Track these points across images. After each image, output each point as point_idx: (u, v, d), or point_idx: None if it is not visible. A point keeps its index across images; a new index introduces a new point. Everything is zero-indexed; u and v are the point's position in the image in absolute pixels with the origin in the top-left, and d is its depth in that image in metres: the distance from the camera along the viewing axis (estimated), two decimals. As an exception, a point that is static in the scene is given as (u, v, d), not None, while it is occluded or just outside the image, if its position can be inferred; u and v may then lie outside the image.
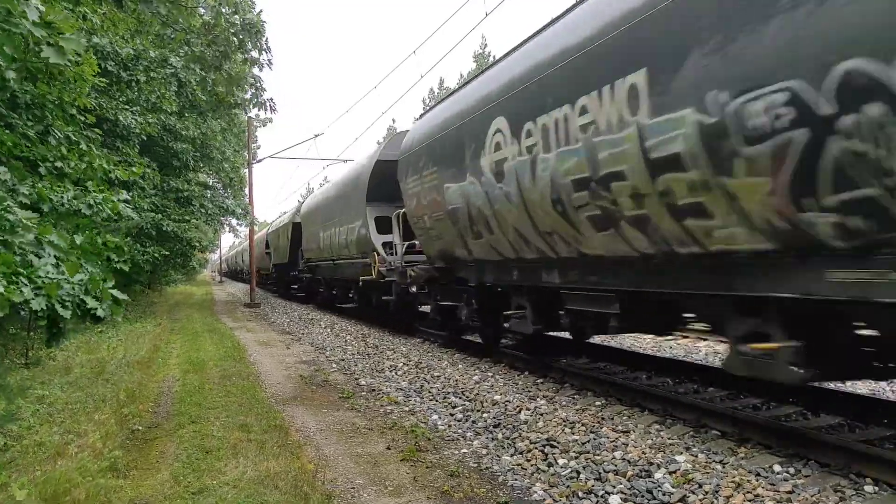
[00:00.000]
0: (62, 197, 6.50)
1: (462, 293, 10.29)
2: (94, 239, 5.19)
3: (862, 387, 7.52)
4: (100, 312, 4.41)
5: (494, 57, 43.84)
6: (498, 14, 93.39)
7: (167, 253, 19.38)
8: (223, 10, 12.36)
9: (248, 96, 16.53)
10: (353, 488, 4.76)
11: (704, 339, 11.12)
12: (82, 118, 8.17)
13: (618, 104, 5.43)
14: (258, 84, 16.45)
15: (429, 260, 11.23)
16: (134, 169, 8.73)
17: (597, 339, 10.45)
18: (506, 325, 9.28)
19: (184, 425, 6.52)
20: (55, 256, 4.48)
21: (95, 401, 7.01)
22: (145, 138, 16.32)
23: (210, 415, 6.92)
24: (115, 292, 4.61)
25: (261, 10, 14.50)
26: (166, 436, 6.24)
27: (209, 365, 10.31)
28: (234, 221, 28.54)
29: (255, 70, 15.96)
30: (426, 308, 12.54)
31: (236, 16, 12.74)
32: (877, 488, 4.29)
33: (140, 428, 6.46)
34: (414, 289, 11.98)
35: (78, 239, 4.90)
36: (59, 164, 7.30)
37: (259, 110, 18.91)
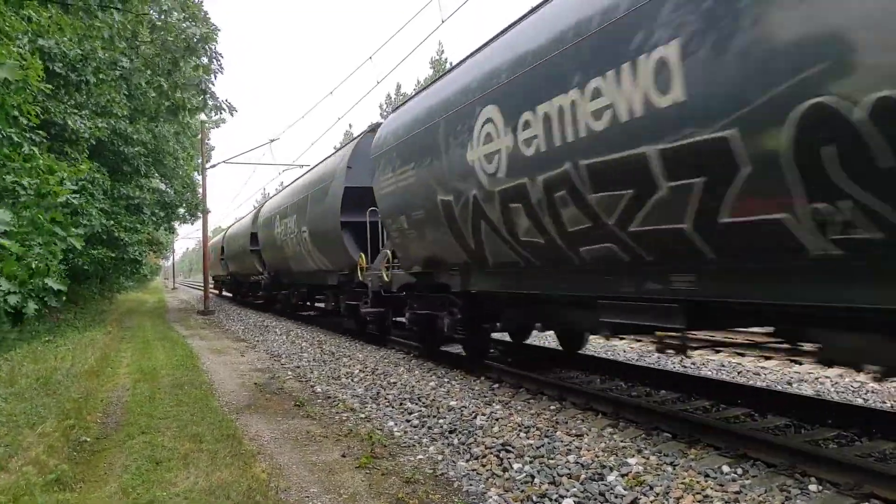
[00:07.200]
0: None
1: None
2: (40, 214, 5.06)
3: (808, 388, 7.74)
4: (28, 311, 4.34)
5: (451, 63, 43.95)
6: (454, 21, 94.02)
7: (112, 255, 18.86)
8: (174, 16, 12.20)
9: (199, 101, 16.31)
10: (307, 497, 4.71)
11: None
12: (25, 120, 7.93)
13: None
14: (208, 89, 16.23)
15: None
16: (82, 167, 8.53)
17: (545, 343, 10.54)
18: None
19: (133, 436, 6.38)
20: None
21: (42, 412, 6.81)
22: (94, 143, 15.95)
23: (161, 425, 6.79)
24: (50, 282, 4.52)
25: (207, 14, 14.15)
26: (115, 447, 6.09)
27: (160, 374, 10.11)
28: (181, 211, 26.85)
29: (206, 77, 15.82)
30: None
31: (186, 23, 12.57)
32: (821, 487, 4.41)
33: (88, 439, 6.30)
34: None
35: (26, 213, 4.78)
36: None
37: (216, 114, 18.63)
